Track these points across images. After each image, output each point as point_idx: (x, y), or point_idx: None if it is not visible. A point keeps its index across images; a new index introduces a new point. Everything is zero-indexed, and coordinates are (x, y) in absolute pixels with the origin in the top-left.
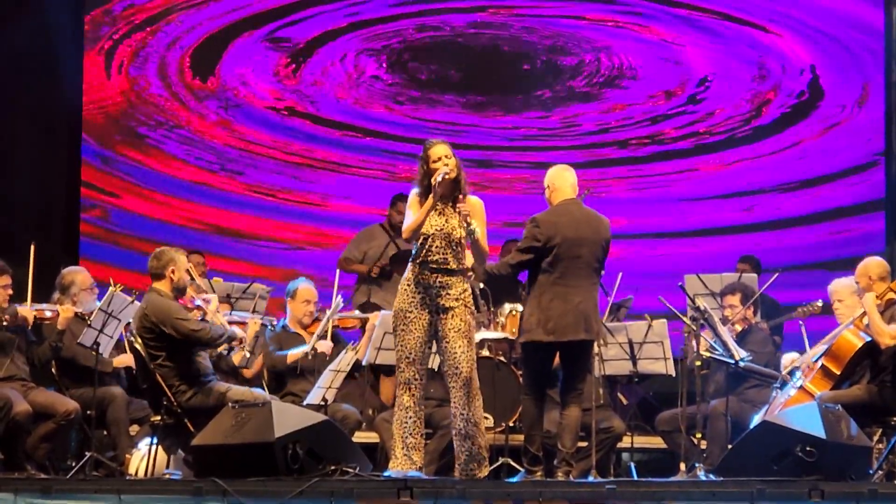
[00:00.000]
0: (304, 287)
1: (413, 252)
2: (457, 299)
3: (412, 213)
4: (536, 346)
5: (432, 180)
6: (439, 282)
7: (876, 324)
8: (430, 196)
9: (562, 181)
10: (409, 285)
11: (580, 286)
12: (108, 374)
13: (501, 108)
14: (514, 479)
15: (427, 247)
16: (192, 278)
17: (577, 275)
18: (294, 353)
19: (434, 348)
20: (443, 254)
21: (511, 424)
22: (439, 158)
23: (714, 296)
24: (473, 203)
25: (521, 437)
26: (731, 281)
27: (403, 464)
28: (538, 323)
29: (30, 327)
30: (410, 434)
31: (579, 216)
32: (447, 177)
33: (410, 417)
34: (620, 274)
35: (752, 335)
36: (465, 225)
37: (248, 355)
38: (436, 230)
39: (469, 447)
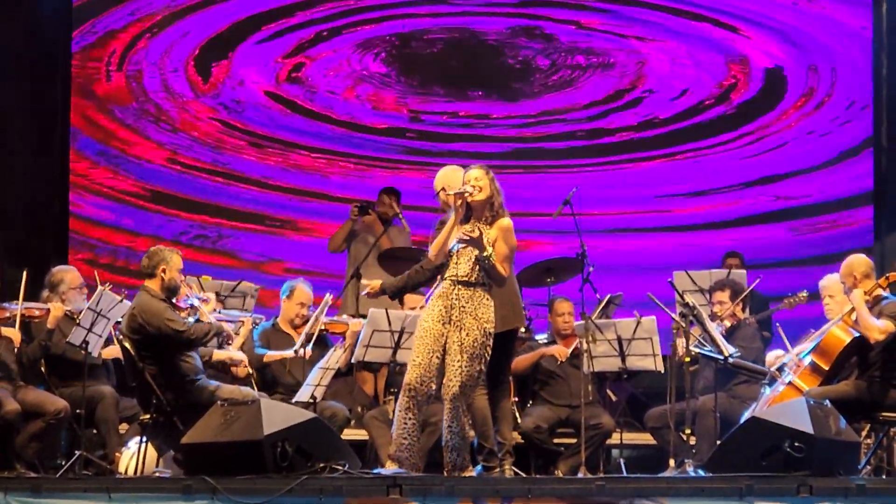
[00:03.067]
0: (302, 289)
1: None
2: (472, 315)
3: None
4: None
5: (450, 197)
6: (455, 294)
7: (864, 319)
8: (453, 216)
9: (457, 183)
10: (433, 299)
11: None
12: (97, 371)
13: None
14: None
15: (450, 262)
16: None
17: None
18: (272, 355)
19: None
20: (463, 268)
21: None
22: (468, 182)
23: (703, 292)
24: (499, 225)
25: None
26: (720, 277)
27: (397, 466)
28: None
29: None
30: (407, 436)
31: None
32: (466, 197)
33: (410, 419)
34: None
35: (740, 331)
36: (479, 251)
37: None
38: (460, 247)
39: (454, 458)
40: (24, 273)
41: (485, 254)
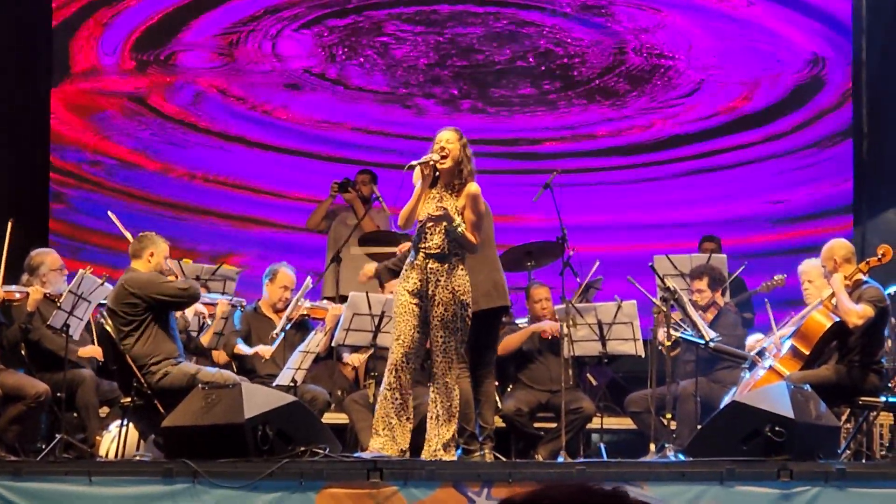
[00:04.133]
0: (285, 272)
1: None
2: (447, 288)
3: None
4: None
5: (416, 164)
6: (430, 268)
7: (843, 304)
8: (421, 183)
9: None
10: (407, 270)
11: (484, 256)
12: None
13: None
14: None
15: (422, 233)
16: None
17: (479, 246)
18: (240, 348)
19: None
20: (437, 240)
21: None
22: (439, 142)
23: (683, 277)
24: (467, 192)
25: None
26: (700, 262)
27: (385, 445)
28: None
29: None
30: (395, 415)
31: None
32: (433, 163)
33: (397, 399)
34: (598, 262)
35: (722, 318)
36: (449, 223)
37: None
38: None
39: (443, 433)
40: (9, 223)
41: (454, 224)
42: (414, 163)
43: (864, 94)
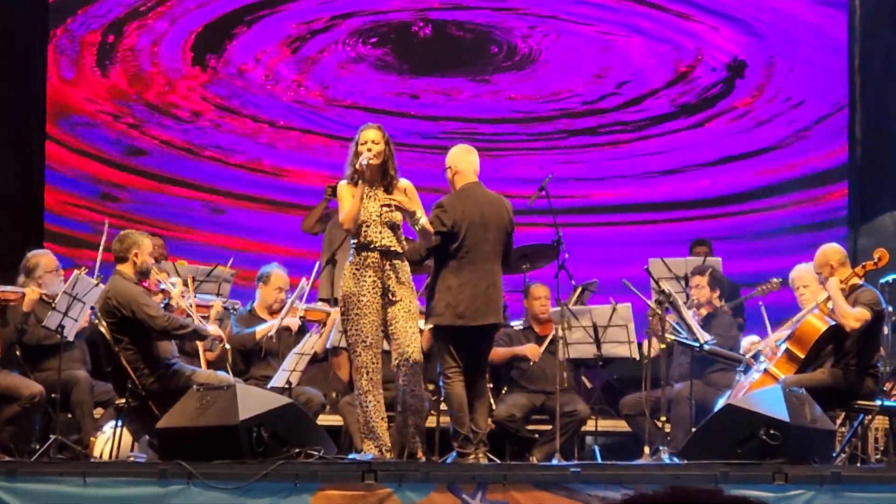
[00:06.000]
0: (278, 274)
1: (353, 238)
2: (404, 282)
3: (345, 203)
4: (447, 330)
5: (356, 166)
6: (389, 266)
7: (840, 307)
8: (360, 184)
9: (465, 164)
10: (357, 269)
11: (487, 270)
12: (71, 348)
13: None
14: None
15: (368, 232)
16: (157, 261)
17: (483, 258)
18: (262, 329)
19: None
20: (386, 237)
21: None
22: (365, 143)
23: (678, 279)
24: (404, 187)
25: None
26: (696, 264)
27: (370, 448)
28: (447, 307)
29: None
30: (376, 417)
31: (483, 200)
32: (371, 162)
33: (370, 402)
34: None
35: (716, 319)
36: (410, 216)
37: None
38: (375, 216)
39: (417, 422)
40: None
41: (416, 217)
42: (363, 164)
43: (859, 98)
